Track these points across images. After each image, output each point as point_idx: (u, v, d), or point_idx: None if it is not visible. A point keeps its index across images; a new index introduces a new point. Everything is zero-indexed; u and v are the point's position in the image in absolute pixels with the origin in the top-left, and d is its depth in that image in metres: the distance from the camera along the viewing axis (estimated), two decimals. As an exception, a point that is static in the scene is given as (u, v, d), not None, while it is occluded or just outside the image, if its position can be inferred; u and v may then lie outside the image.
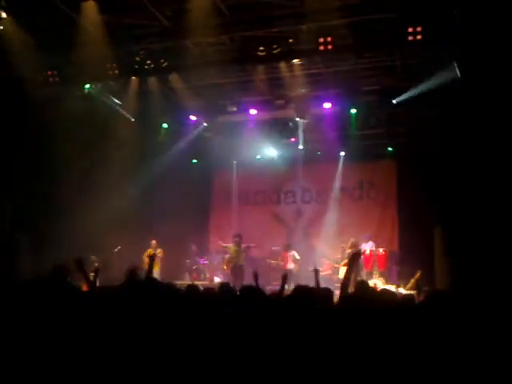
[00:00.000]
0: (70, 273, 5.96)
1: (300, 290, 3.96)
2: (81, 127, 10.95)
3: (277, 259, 13.72)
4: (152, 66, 10.34)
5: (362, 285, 5.80)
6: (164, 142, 13.52)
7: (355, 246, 12.40)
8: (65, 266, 6.15)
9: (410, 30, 8.54)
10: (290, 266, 13.24)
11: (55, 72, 10.25)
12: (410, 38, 8.63)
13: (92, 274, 5.41)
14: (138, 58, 10.28)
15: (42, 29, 9.14)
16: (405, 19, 8.55)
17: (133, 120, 12.77)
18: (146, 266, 12.11)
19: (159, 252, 12.53)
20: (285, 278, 5.18)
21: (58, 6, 8.68)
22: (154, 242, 12.87)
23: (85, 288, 5.20)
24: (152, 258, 5.87)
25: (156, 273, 11.94)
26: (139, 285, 4.46)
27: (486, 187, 10.46)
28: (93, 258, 12.14)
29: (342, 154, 14.15)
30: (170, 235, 13.14)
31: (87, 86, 11.13)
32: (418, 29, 8.55)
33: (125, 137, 12.60)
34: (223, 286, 4.88)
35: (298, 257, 13.33)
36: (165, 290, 4.12)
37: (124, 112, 12.39)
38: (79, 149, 11.18)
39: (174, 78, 11.21)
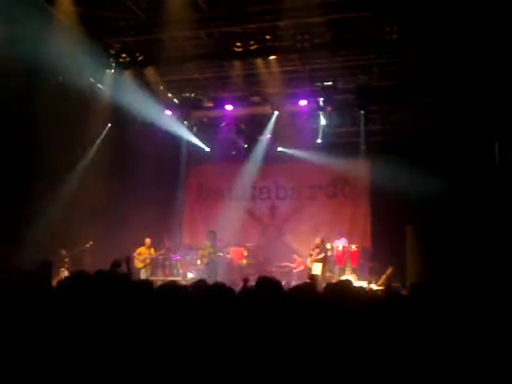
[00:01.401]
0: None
1: (264, 282, 3.97)
2: (54, 121, 10.74)
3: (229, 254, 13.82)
4: (127, 59, 10.23)
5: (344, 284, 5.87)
6: (138, 137, 13.38)
7: (323, 242, 12.50)
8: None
9: (387, 29, 8.64)
10: (244, 261, 13.52)
11: (29, 64, 10.02)
12: (387, 36, 8.74)
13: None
14: (112, 51, 10.15)
15: (15, 20, 8.92)
16: (382, 18, 8.63)
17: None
18: (137, 265, 12.20)
19: (151, 252, 12.54)
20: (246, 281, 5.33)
21: (32, -3, 8.49)
22: (148, 240, 12.72)
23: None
24: (129, 260, 5.68)
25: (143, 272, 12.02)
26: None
27: (458, 185, 10.67)
28: (63, 252, 11.97)
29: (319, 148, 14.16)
30: (143, 230, 13.03)
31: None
32: (395, 28, 8.67)
33: (99, 130, 12.45)
34: (199, 282, 4.85)
35: (245, 253, 13.61)
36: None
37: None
38: (51, 143, 10.97)
39: (150, 72, 11.10)
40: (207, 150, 14.69)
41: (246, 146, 14.48)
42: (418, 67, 9.29)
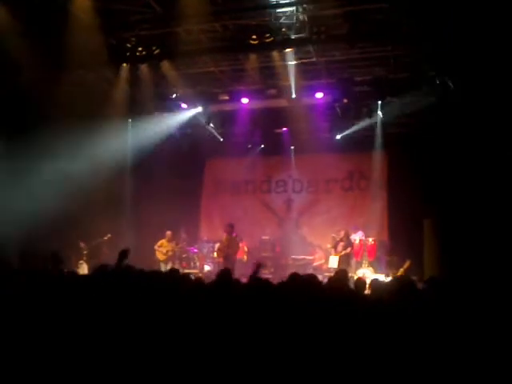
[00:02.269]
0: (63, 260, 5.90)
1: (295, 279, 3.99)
2: (70, 113, 10.83)
3: None
4: (143, 52, 10.25)
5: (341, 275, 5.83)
6: (154, 130, 13.42)
7: (347, 235, 12.46)
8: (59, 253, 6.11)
9: (404, 20, 8.55)
10: (245, 257, 13.63)
11: (46, 59, 10.09)
12: (404, 28, 8.65)
13: None
14: (129, 45, 10.17)
15: (33, 15, 9.00)
16: (399, 9, 8.53)
17: None
18: (159, 257, 12.26)
19: (173, 244, 12.60)
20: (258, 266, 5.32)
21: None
22: (169, 232, 12.81)
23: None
24: (123, 254, 5.48)
25: (163, 265, 12.09)
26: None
27: (476, 179, 10.54)
28: (82, 244, 12.11)
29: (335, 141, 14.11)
30: (160, 223, 13.10)
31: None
32: (411, 20, 8.58)
33: (115, 123, 12.51)
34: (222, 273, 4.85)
35: (246, 249, 13.73)
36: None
37: None
38: (67, 134, 11.06)
39: (166, 66, 11.11)
40: (221, 139, 14.66)
41: (261, 139, 14.47)
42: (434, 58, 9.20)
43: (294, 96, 11.80)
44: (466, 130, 10.55)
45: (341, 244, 12.28)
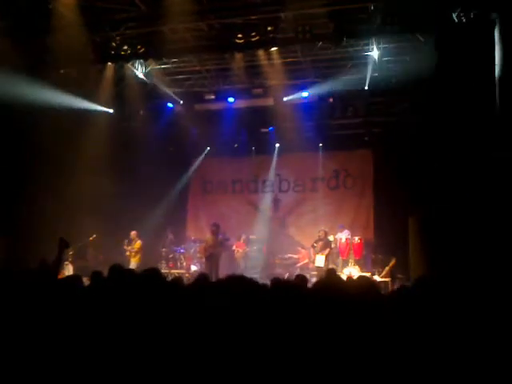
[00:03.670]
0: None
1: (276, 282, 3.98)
2: (55, 113, 10.77)
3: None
4: (128, 51, 10.21)
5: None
6: (140, 130, 13.37)
7: (326, 235, 12.49)
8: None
9: (388, 19, 8.60)
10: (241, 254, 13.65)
11: (31, 58, 10.01)
12: (388, 27, 8.71)
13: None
14: (114, 44, 10.13)
15: (16, 14, 8.92)
16: (383, 9, 8.59)
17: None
18: (128, 257, 12.13)
19: (137, 244, 12.36)
20: None
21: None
22: (133, 232, 12.68)
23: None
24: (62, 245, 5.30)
25: (134, 264, 11.85)
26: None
27: (462, 177, 10.63)
28: (67, 245, 12.00)
29: (320, 144, 14.20)
30: (147, 224, 13.06)
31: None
32: (395, 19, 8.63)
33: (101, 124, 12.45)
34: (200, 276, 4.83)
35: (239, 251, 13.70)
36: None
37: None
38: (53, 135, 10.99)
39: (151, 65, 11.10)
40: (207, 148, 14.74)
41: (248, 138, 14.48)
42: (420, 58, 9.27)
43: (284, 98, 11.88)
44: (451, 128, 10.64)
45: (319, 243, 12.34)
